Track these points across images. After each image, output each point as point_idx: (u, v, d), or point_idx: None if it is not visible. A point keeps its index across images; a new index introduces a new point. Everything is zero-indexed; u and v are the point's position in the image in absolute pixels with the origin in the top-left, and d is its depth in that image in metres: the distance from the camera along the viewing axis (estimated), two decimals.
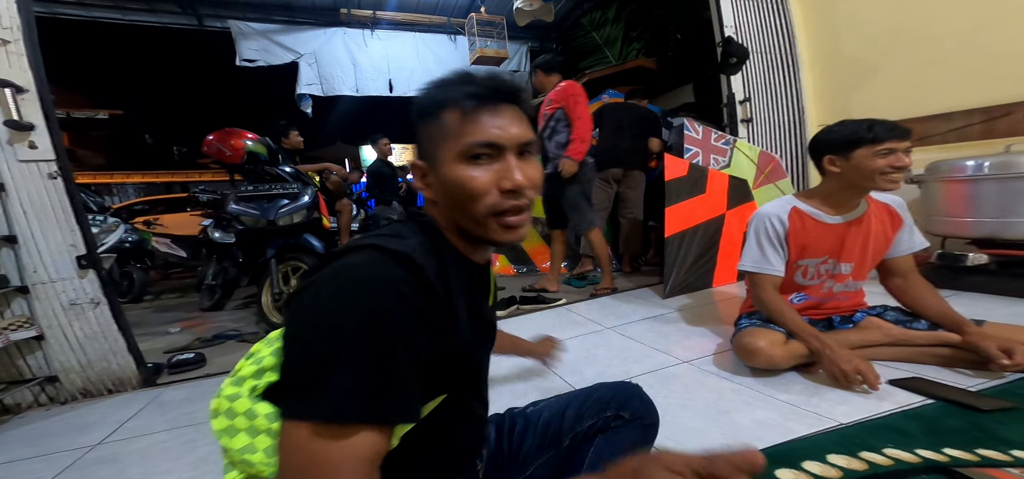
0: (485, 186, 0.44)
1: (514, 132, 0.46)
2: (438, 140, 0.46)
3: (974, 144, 2.00)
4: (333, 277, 0.37)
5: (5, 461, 1.19)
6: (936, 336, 1.15)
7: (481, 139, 0.44)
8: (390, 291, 0.37)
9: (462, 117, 0.45)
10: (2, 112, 1.41)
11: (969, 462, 0.77)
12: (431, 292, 0.40)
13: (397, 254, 0.39)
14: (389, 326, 0.36)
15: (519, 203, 0.45)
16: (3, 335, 1.37)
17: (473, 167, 0.45)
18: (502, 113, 0.46)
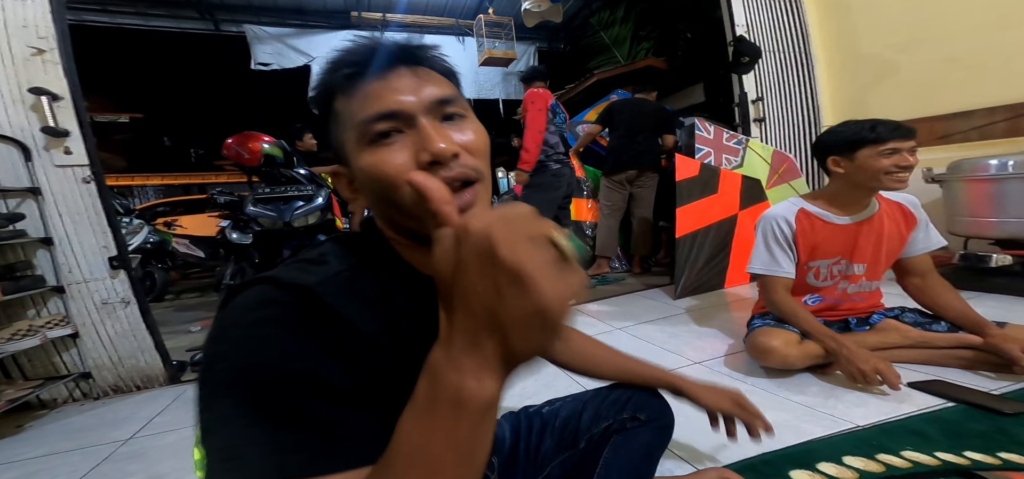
0: (400, 168, 0.36)
1: (422, 93, 0.37)
2: (340, 135, 0.40)
3: (997, 142, 1.95)
4: (214, 327, 0.32)
5: (46, 453, 1.25)
6: (956, 338, 1.13)
7: (373, 112, 0.37)
8: (270, 335, 0.30)
9: (350, 98, 0.38)
10: (39, 119, 1.48)
11: (990, 465, 0.77)
12: (336, 321, 0.32)
13: (290, 286, 0.32)
14: (274, 374, 0.28)
15: (450, 175, 0.36)
16: (41, 333, 1.44)
17: (381, 149, 0.37)
18: (397, 76, 0.38)
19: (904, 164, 1.04)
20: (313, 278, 0.33)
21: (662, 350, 1.52)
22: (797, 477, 0.79)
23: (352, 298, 0.34)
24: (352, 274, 0.36)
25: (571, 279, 0.23)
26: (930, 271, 1.19)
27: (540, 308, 0.21)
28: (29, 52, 1.47)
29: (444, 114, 0.39)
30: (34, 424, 1.47)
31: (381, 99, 0.37)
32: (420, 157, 0.36)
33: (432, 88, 0.38)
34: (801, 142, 2.67)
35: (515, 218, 0.23)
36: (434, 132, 0.36)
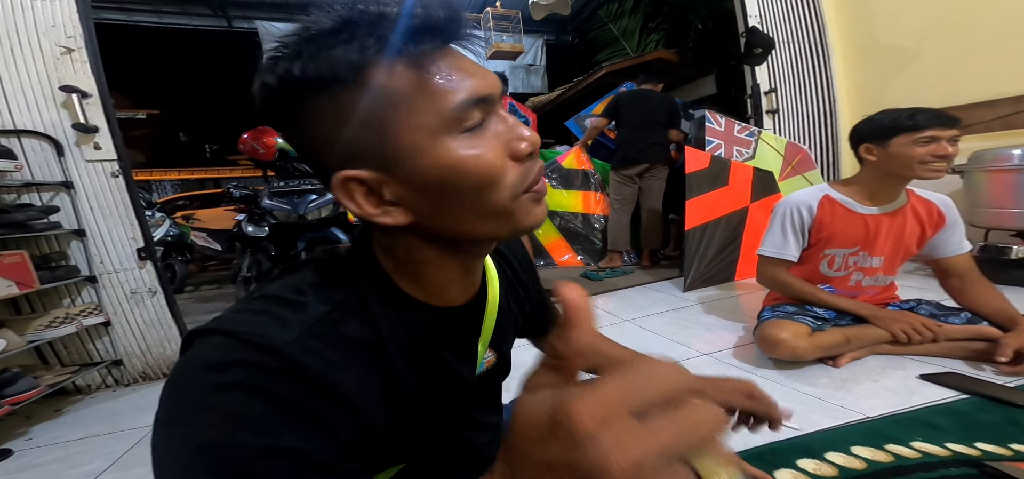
0: (498, 161, 0.30)
1: (493, 79, 0.31)
2: (386, 124, 0.29)
3: (1021, 132, 1.90)
4: (173, 381, 0.27)
5: (83, 436, 1.33)
6: (972, 330, 1.12)
7: (469, 96, 0.29)
8: (234, 405, 0.25)
9: (418, 73, 0.29)
10: (70, 116, 1.55)
11: (1001, 456, 0.77)
12: (313, 386, 0.28)
13: (257, 346, 0.27)
14: (239, 452, 0.24)
15: (540, 165, 0.34)
16: (76, 321, 1.52)
17: (473, 142, 0.30)
18: (461, 52, 0.31)
19: (941, 153, 1.01)
20: (286, 335, 0.28)
21: (671, 342, 1.53)
22: (805, 466, 0.80)
23: (334, 348, 0.29)
24: (337, 315, 0.31)
25: None
26: (970, 271, 1.15)
27: None
28: (59, 51, 1.53)
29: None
30: (71, 409, 1.56)
31: (475, 77, 0.30)
32: (518, 148, 0.31)
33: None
34: (816, 134, 2.63)
35: (652, 434, 0.15)
36: (513, 121, 0.32)
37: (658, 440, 0.15)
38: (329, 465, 0.27)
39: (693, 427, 0.15)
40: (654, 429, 0.15)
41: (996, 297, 1.11)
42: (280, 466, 0.25)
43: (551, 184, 3.08)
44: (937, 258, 1.18)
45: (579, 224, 3.15)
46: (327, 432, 0.28)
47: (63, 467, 1.17)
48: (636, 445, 0.14)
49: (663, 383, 0.16)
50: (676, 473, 0.15)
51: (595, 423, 0.15)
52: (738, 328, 1.59)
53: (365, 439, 0.30)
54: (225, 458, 0.24)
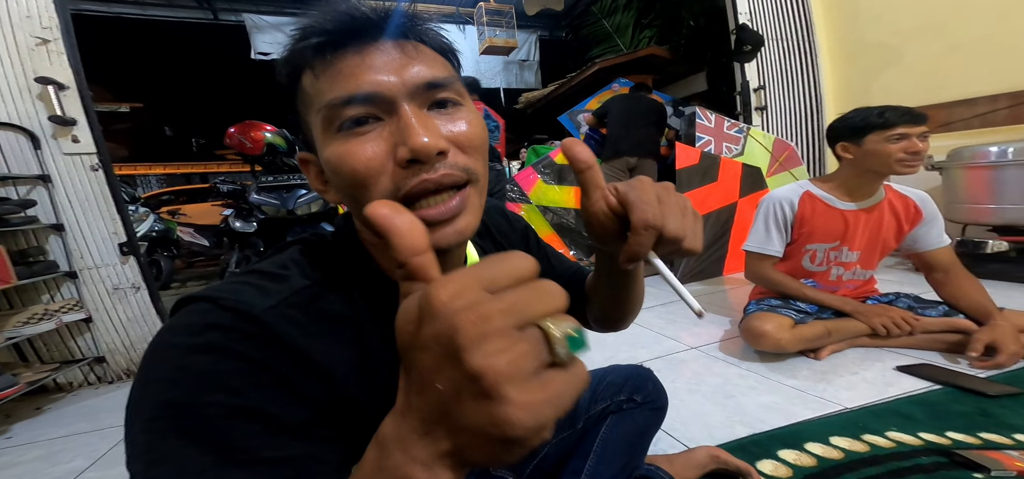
0: (371, 163, 0.30)
1: (408, 73, 0.31)
2: (307, 120, 0.33)
3: (998, 130, 1.95)
4: (153, 345, 0.28)
5: (65, 434, 1.31)
6: (947, 323, 1.16)
7: (343, 93, 0.30)
8: (209, 365, 0.26)
9: (318, 74, 0.31)
10: (46, 108, 1.51)
11: (970, 445, 0.80)
12: (286, 351, 0.29)
13: (235, 311, 0.28)
14: (210, 408, 0.25)
15: (433, 177, 0.30)
16: (56, 317, 1.49)
17: (351, 140, 0.31)
18: (380, 51, 0.31)
19: (912, 149, 1.04)
20: (266, 301, 0.29)
21: (660, 336, 1.55)
22: (785, 456, 0.82)
23: (313, 318, 0.30)
24: (317, 290, 0.32)
25: (558, 390, 0.17)
26: (953, 265, 1.17)
27: (503, 426, 0.16)
28: (34, 42, 1.48)
29: (434, 100, 0.32)
30: (52, 406, 1.53)
31: (355, 78, 0.30)
32: (398, 153, 0.30)
33: (420, 67, 0.31)
34: (803, 130, 2.67)
35: (495, 283, 0.18)
36: (418, 122, 0.30)
37: (503, 302, 0.17)
38: (298, 428, 0.28)
39: (535, 294, 0.18)
40: (500, 296, 0.17)
41: (975, 291, 1.13)
42: (248, 427, 0.26)
43: (544, 180, 3.09)
44: (919, 252, 1.21)
45: (572, 219, 3.16)
46: (298, 397, 0.28)
47: (44, 465, 1.15)
48: (483, 305, 0.17)
49: (509, 264, 0.19)
50: (522, 331, 0.17)
51: (448, 294, 0.17)
52: (725, 322, 1.61)
53: (339, 408, 0.31)
54: (191, 417, 0.25)
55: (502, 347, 0.16)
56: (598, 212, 0.33)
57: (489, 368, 0.16)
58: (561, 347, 0.17)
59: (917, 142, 1.04)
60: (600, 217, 0.34)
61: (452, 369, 0.17)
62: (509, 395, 0.16)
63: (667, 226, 0.31)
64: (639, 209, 0.31)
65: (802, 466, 0.79)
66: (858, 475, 0.75)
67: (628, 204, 0.32)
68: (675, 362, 1.31)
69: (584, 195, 0.34)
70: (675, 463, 0.76)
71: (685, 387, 1.14)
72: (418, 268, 0.20)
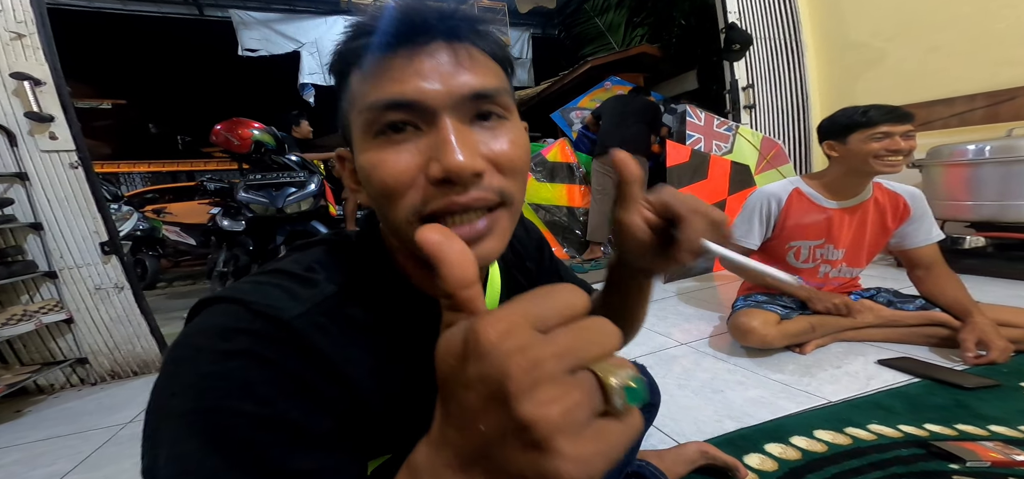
0: (401, 176, 0.29)
1: (455, 81, 0.29)
2: (348, 118, 0.33)
3: (976, 129, 2.01)
4: (176, 348, 0.27)
5: (47, 437, 1.27)
6: (925, 316, 1.19)
7: (385, 97, 0.29)
8: (239, 371, 0.25)
9: (364, 73, 0.30)
10: (22, 104, 1.46)
11: (946, 437, 0.83)
12: (317, 361, 0.28)
13: (266, 316, 0.27)
14: (240, 417, 0.24)
15: (462, 200, 0.29)
16: (35, 318, 1.45)
17: (387, 148, 0.29)
18: (429, 55, 0.29)
19: (894, 148, 1.06)
20: (296, 308, 0.28)
21: (650, 332, 1.57)
22: (771, 450, 0.84)
23: (339, 327, 0.30)
24: (342, 297, 0.31)
25: (611, 442, 0.16)
26: (936, 263, 1.18)
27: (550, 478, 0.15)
28: (8, 37, 1.43)
29: (479, 111, 0.30)
30: (33, 409, 1.49)
31: (399, 82, 0.29)
32: (430, 169, 0.28)
33: (469, 76, 0.29)
34: (790, 129, 2.71)
35: (549, 340, 0.16)
36: (457, 137, 0.28)
37: (556, 345, 0.16)
38: (323, 439, 0.27)
39: (588, 335, 0.17)
40: (552, 336, 0.16)
41: (954, 287, 1.15)
42: (276, 437, 0.25)
43: (536, 177, 3.09)
44: (905, 249, 1.23)
45: (564, 217, 3.17)
46: (325, 407, 0.28)
47: (25, 469, 1.12)
48: (535, 349, 0.15)
49: (561, 301, 0.18)
50: (575, 376, 0.16)
51: (497, 334, 0.16)
52: (714, 318, 1.64)
53: (359, 419, 0.30)
54: (222, 425, 0.24)
55: (555, 396, 0.15)
56: (635, 225, 0.34)
57: (542, 418, 0.15)
58: (618, 398, 0.16)
59: (899, 140, 1.06)
60: (636, 230, 0.34)
61: (499, 413, 0.16)
62: (561, 448, 0.15)
63: (711, 211, 0.32)
64: (682, 202, 0.33)
65: (787, 459, 0.81)
66: (841, 467, 0.77)
67: (668, 205, 0.33)
68: (666, 358, 1.33)
69: (623, 209, 0.34)
70: (665, 459, 0.77)
71: (675, 383, 1.16)
72: (466, 301, 0.19)
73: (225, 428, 0.24)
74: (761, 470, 0.79)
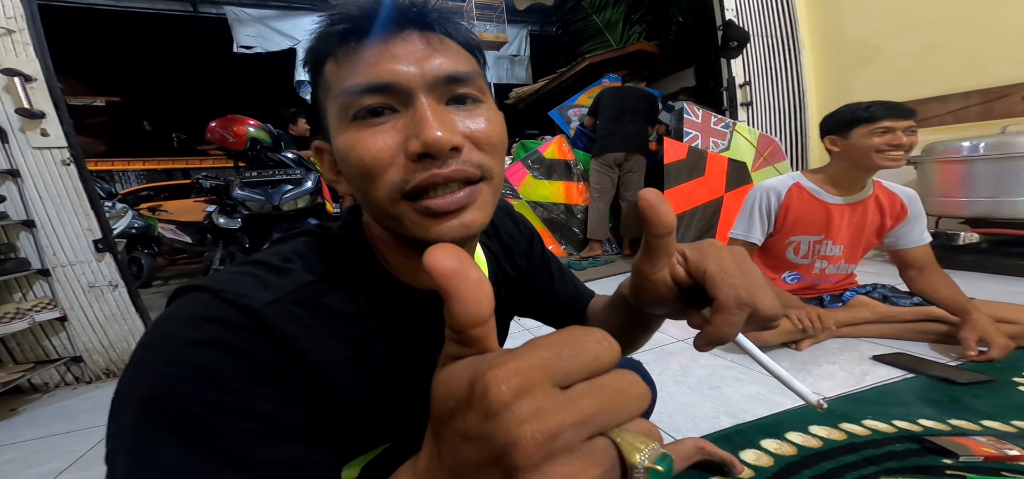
0: (380, 154, 0.29)
1: (428, 64, 0.30)
2: (324, 107, 0.33)
3: (971, 126, 2.02)
4: (146, 335, 0.27)
5: (42, 435, 1.26)
6: (921, 312, 1.20)
7: (361, 82, 0.29)
8: (206, 359, 0.25)
9: (340, 62, 0.31)
10: (12, 101, 1.44)
11: (940, 431, 0.83)
12: (287, 351, 0.28)
13: (235, 304, 0.27)
14: (203, 405, 0.24)
15: (444, 172, 0.29)
16: (28, 316, 1.44)
17: (364, 130, 0.30)
18: (403, 41, 0.30)
19: (896, 143, 1.06)
20: (266, 296, 0.28)
21: None
22: (767, 446, 0.84)
23: (315, 316, 0.30)
24: (320, 286, 0.31)
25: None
26: (928, 264, 1.19)
27: None
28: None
29: (454, 94, 0.31)
30: (27, 408, 1.48)
31: (374, 66, 0.29)
32: (409, 145, 0.29)
33: (442, 60, 0.30)
34: (787, 126, 2.72)
35: (568, 405, 0.14)
36: (433, 115, 0.29)
37: (578, 412, 0.14)
38: (294, 429, 0.27)
39: (616, 399, 0.15)
40: (574, 399, 0.14)
41: (948, 287, 1.15)
42: (242, 426, 0.25)
43: (533, 175, 3.09)
44: (899, 249, 1.23)
45: (562, 214, 3.17)
46: (295, 397, 0.27)
47: (19, 467, 1.11)
48: (553, 417, 0.13)
49: (589, 353, 0.15)
50: (593, 447, 0.14)
51: (511, 391, 0.14)
52: None
53: (336, 410, 0.30)
54: (183, 414, 0.23)
55: (568, 475, 0.13)
56: (661, 281, 0.30)
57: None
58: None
59: (901, 136, 1.06)
60: (661, 288, 0.30)
61: (499, 476, 0.14)
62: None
63: (760, 304, 0.26)
64: (725, 285, 0.27)
65: (783, 455, 0.81)
66: (835, 462, 0.77)
67: (709, 279, 0.27)
68: (663, 354, 1.33)
69: (648, 261, 0.30)
70: None
71: (672, 379, 1.16)
72: (477, 340, 0.16)
73: (186, 416, 0.23)
74: (757, 465, 0.79)
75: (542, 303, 0.56)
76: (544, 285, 0.56)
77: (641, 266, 0.30)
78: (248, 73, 5.40)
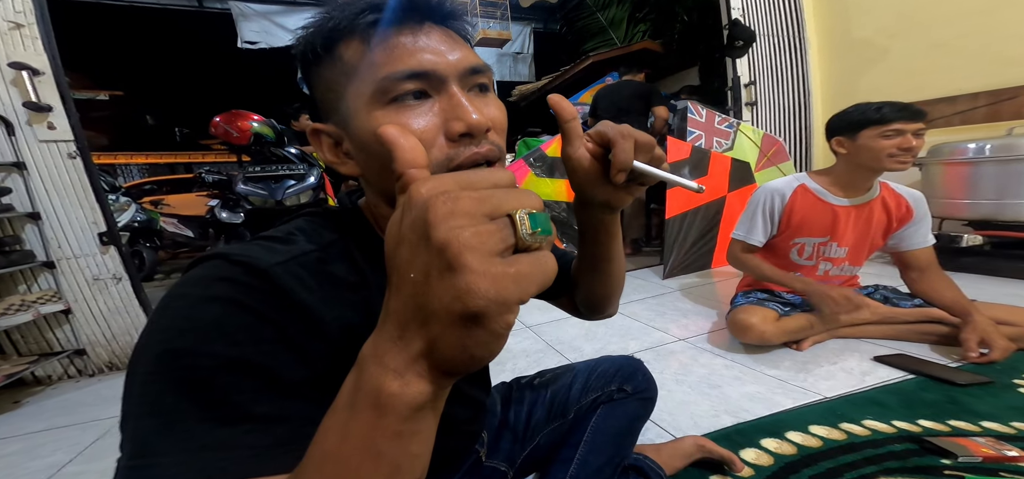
0: (424, 134, 0.32)
1: (456, 56, 0.34)
2: (342, 89, 0.35)
3: (977, 127, 2.00)
4: (162, 300, 0.28)
5: (46, 428, 1.28)
6: (921, 313, 1.19)
7: (404, 69, 0.32)
8: (215, 315, 0.26)
9: (366, 47, 0.33)
10: (20, 94, 1.45)
11: (939, 432, 0.83)
12: (292, 307, 0.29)
13: (244, 265, 0.29)
14: (211, 358, 0.25)
15: (482, 151, 0.33)
16: (33, 308, 1.45)
17: (404, 111, 0.33)
18: (428, 33, 0.34)
19: (906, 146, 1.05)
20: (273, 258, 0.30)
21: (649, 328, 1.58)
22: (767, 445, 0.84)
23: (319, 281, 0.32)
24: (324, 254, 0.34)
25: (522, 270, 0.18)
26: (930, 266, 1.18)
27: (465, 296, 0.17)
28: (7, 26, 1.42)
29: (475, 83, 0.36)
30: (31, 400, 1.49)
31: (414, 55, 0.33)
32: (452, 126, 0.33)
33: (465, 52, 0.35)
34: (791, 126, 2.71)
35: (472, 185, 0.19)
36: (468, 101, 0.33)
37: (477, 193, 0.19)
38: (297, 387, 0.28)
39: (509, 192, 0.19)
40: (474, 188, 0.19)
41: (950, 289, 1.15)
42: (245, 381, 0.26)
43: (535, 172, 3.09)
44: (902, 250, 1.22)
45: (564, 212, 3.17)
46: (300, 356, 0.29)
47: (24, 459, 1.12)
48: (456, 193, 0.18)
49: (489, 173, 0.20)
50: (493, 220, 0.18)
51: (427, 188, 0.19)
52: (713, 314, 1.64)
53: (339, 371, 0.31)
54: (189, 367, 0.25)
55: (467, 222, 0.18)
56: (580, 157, 0.37)
57: (453, 238, 0.17)
58: (524, 227, 0.18)
59: (911, 138, 1.05)
60: (582, 162, 0.37)
61: (424, 251, 0.18)
62: (471, 263, 0.17)
63: (637, 135, 0.36)
64: (612, 129, 0.36)
65: (783, 454, 0.81)
66: (835, 462, 0.78)
67: (603, 133, 0.36)
68: (664, 353, 1.34)
69: (566, 143, 0.37)
70: (662, 452, 0.78)
71: (673, 378, 1.16)
72: (412, 178, 0.20)
73: (191, 368, 0.25)
74: (757, 464, 0.79)
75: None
76: None
77: (564, 150, 0.37)
78: (252, 68, 5.40)
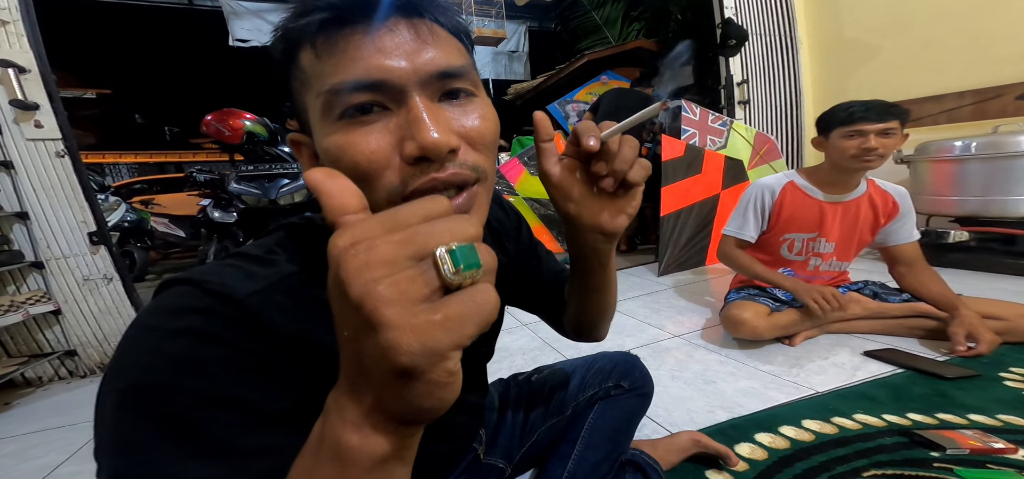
0: (374, 157, 0.28)
1: (420, 58, 0.28)
2: (304, 100, 0.31)
3: (964, 125, 2.05)
4: (130, 327, 0.26)
5: (37, 430, 1.26)
6: (909, 308, 1.22)
7: (348, 79, 0.27)
8: (186, 348, 0.25)
9: (318, 53, 0.28)
10: (6, 92, 1.42)
11: (928, 425, 0.85)
12: (269, 337, 0.27)
13: (218, 295, 0.26)
14: (184, 394, 0.24)
15: (442, 176, 0.28)
16: (22, 309, 1.42)
17: (354, 130, 0.28)
18: (391, 31, 0.28)
19: (866, 146, 1.06)
20: (250, 285, 0.27)
21: (644, 324, 1.59)
22: (761, 439, 0.85)
23: (303, 305, 0.29)
24: (306, 276, 0.30)
25: (453, 313, 0.16)
26: (917, 261, 1.21)
27: (390, 354, 0.16)
28: None
29: (447, 89, 0.30)
30: (21, 402, 1.47)
31: (362, 61, 0.27)
32: (405, 148, 0.27)
33: (434, 52, 0.29)
34: (783, 124, 2.74)
35: (396, 225, 0.17)
36: (429, 115, 0.27)
37: (396, 236, 0.17)
38: (282, 418, 0.26)
39: (437, 224, 0.18)
40: (394, 230, 0.17)
41: (937, 283, 1.18)
42: (225, 416, 0.24)
43: (531, 171, 3.09)
44: (888, 245, 1.25)
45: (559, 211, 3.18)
46: (283, 386, 0.27)
47: (16, 461, 1.11)
48: (371, 242, 0.17)
49: (420, 205, 0.19)
50: (417, 263, 0.17)
51: (343, 239, 0.17)
52: (707, 311, 1.66)
53: (319, 399, 0.30)
54: (164, 403, 0.23)
55: (384, 272, 0.16)
56: (552, 170, 0.37)
57: (367, 293, 0.16)
58: (446, 265, 0.16)
59: (871, 140, 1.06)
60: (559, 174, 0.37)
61: (346, 308, 0.17)
62: (389, 318, 0.16)
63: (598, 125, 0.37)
64: (580, 124, 0.36)
65: (777, 448, 0.82)
66: (827, 456, 0.79)
67: (574, 130, 0.36)
68: (659, 350, 1.35)
69: (544, 160, 0.37)
70: (658, 447, 0.79)
71: (668, 374, 1.17)
72: (341, 225, 0.19)
73: (170, 406, 0.23)
74: (751, 459, 0.80)
75: (529, 288, 0.57)
76: (532, 270, 0.57)
77: (542, 166, 0.37)
78: (244, 66, 5.34)
